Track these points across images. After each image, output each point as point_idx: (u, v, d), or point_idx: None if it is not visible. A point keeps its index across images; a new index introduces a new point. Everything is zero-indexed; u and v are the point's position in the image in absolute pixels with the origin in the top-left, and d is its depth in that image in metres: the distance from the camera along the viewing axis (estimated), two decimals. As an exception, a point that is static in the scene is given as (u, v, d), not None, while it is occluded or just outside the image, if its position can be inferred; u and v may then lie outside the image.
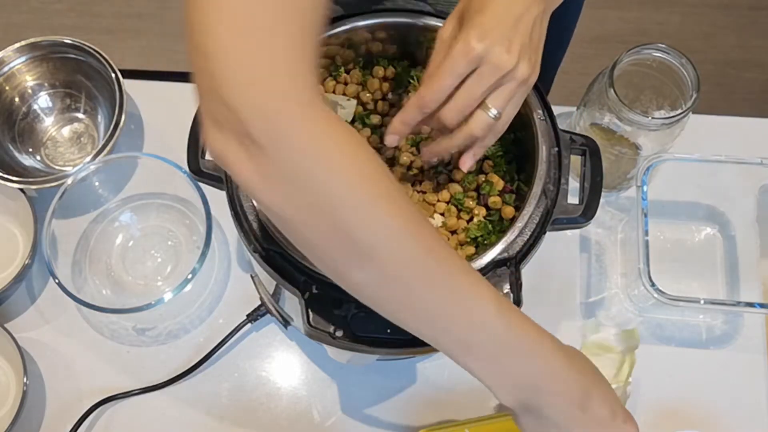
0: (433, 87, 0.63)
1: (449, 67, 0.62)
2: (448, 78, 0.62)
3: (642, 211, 0.83)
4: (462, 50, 0.61)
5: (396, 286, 0.54)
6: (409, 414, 0.86)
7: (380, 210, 0.51)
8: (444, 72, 0.62)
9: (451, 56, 0.61)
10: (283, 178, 0.49)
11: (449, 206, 0.76)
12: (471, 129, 0.66)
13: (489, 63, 0.61)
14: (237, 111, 0.47)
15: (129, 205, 0.94)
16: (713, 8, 2.09)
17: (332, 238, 0.51)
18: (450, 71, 0.62)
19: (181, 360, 0.88)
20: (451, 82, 0.63)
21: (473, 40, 0.61)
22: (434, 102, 0.64)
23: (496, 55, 0.61)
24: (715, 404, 0.86)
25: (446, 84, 0.63)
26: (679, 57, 0.84)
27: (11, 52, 0.95)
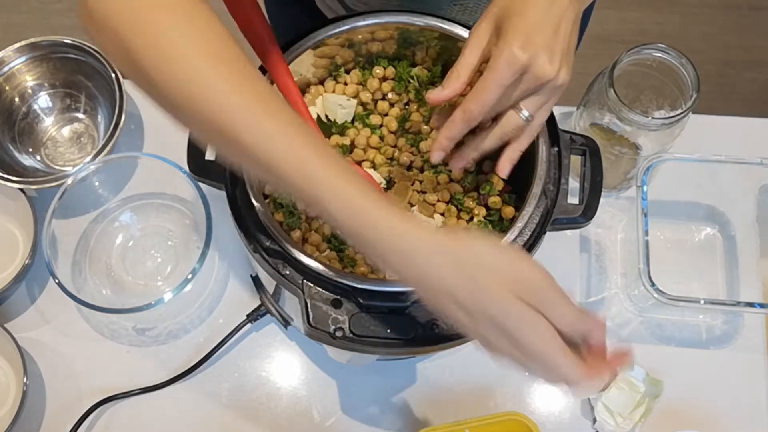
0: (480, 101, 0.63)
1: (496, 80, 0.61)
2: (494, 92, 0.62)
3: (642, 211, 0.83)
4: (507, 61, 0.60)
5: (219, 136, 0.56)
6: (409, 414, 0.86)
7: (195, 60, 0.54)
8: (490, 85, 0.62)
9: (496, 68, 0.61)
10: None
11: (449, 206, 0.76)
12: (503, 130, 0.66)
13: (532, 73, 0.61)
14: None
15: (129, 205, 0.94)
16: (713, 8, 2.09)
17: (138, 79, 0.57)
18: (497, 84, 0.61)
19: (181, 360, 0.88)
20: (497, 95, 0.62)
21: (518, 50, 0.60)
22: (480, 115, 0.64)
23: (540, 66, 0.61)
24: (715, 404, 0.86)
25: (493, 97, 0.62)
26: (679, 57, 0.84)
27: (11, 52, 0.95)
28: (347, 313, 0.65)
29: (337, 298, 0.65)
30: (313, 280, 0.66)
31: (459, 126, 0.65)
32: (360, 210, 0.54)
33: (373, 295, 0.64)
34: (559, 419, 0.86)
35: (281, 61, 0.69)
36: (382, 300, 0.64)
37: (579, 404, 0.87)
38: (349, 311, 0.65)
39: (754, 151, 0.90)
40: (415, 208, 0.76)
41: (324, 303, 0.65)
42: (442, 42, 0.76)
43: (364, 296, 0.64)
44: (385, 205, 0.54)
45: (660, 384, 0.85)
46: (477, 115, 0.64)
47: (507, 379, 0.88)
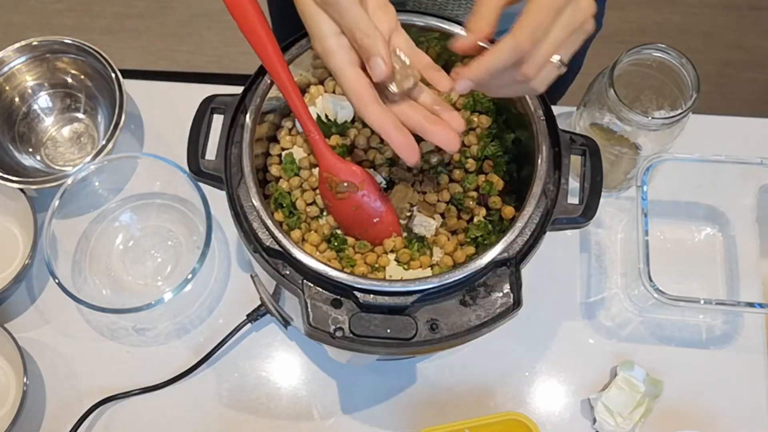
0: (533, 25, 0.54)
1: (549, 2, 0.54)
2: (548, 15, 0.55)
3: (642, 211, 0.83)
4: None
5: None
6: (409, 414, 0.86)
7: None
8: (543, 7, 0.55)
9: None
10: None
11: (449, 206, 0.76)
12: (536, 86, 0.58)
13: (579, 2, 0.55)
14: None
15: (129, 205, 0.94)
16: (713, 8, 2.09)
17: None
18: (551, 5, 0.54)
19: (181, 360, 0.88)
20: (550, 21, 0.55)
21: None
22: (533, 43, 0.55)
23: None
24: (715, 404, 0.86)
25: (546, 22, 0.55)
26: (679, 57, 0.84)
27: (11, 52, 0.95)
28: (347, 313, 0.65)
29: (337, 298, 0.65)
30: (313, 280, 0.66)
31: (505, 55, 0.56)
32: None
33: (373, 295, 0.64)
34: (559, 419, 0.86)
35: (281, 62, 0.69)
36: (382, 300, 0.64)
37: (579, 404, 0.87)
38: (349, 311, 0.65)
39: (754, 151, 0.90)
40: (415, 208, 0.76)
41: (324, 303, 0.65)
42: (442, 42, 0.76)
43: (364, 296, 0.64)
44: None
45: (660, 384, 0.85)
46: (528, 44, 0.55)
47: (507, 379, 0.88)
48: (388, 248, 0.73)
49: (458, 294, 0.66)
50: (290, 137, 0.77)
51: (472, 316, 0.66)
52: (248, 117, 0.71)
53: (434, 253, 0.74)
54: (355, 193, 0.71)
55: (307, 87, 0.79)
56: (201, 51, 2.07)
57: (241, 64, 2.01)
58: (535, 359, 0.88)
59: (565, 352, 0.89)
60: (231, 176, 0.70)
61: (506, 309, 0.66)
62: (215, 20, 2.09)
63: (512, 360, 0.88)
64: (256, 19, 0.67)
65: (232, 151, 0.71)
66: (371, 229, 0.73)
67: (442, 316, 0.65)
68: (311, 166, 0.76)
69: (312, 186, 0.75)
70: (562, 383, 0.88)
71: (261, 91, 0.72)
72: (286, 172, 0.76)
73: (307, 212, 0.74)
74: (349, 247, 0.73)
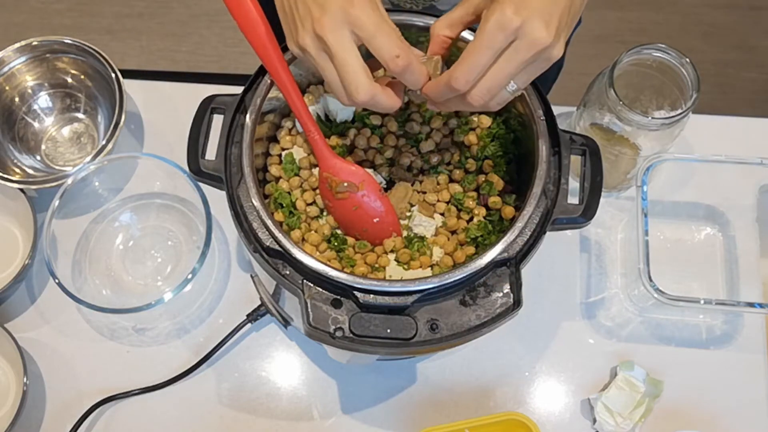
0: (467, 65, 0.59)
1: (485, 42, 0.58)
2: (484, 55, 0.58)
3: (642, 211, 0.83)
4: (498, 23, 0.57)
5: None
6: (409, 414, 0.86)
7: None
8: (479, 48, 0.58)
9: (486, 30, 0.57)
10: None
11: (449, 206, 0.76)
12: (490, 106, 0.62)
13: (526, 39, 0.57)
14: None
15: (129, 205, 0.94)
16: (713, 8, 2.09)
17: None
18: (486, 47, 0.58)
19: (181, 360, 0.88)
20: (486, 60, 0.58)
21: (510, 11, 0.56)
22: (468, 83, 0.60)
23: (534, 30, 0.57)
24: (715, 404, 0.86)
25: (482, 62, 0.58)
26: (679, 57, 0.84)
27: (11, 52, 0.95)
28: (347, 313, 0.65)
29: (337, 298, 0.65)
30: (313, 280, 0.66)
31: (441, 89, 0.62)
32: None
33: (373, 295, 0.64)
34: (559, 419, 0.86)
35: (281, 61, 0.69)
36: (382, 300, 0.64)
37: (579, 404, 0.87)
38: (349, 311, 0.65)
39: (754, 151, 0.90)
40: (415, 208, 0.76)
41: (324, 303, 0.65)
42: (442, 42, 0.76)
43: (364, 296, 0.64)
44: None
45: (660, 384, 0.85)
46: (463, 83, 0.60)
47: (507, 379, 0.88)
48: (388, 248, 0.73)
49: (458, 294, 0.66)
50: (290, 137, 0.77)
51: (472, 316, 0.66)
52: (248, 117, 0.71)
53: (434, 253, 0.74)
54: (355, 193, 0.71)
55: (307, 87, 0.79)
56: (201, 51, 2.07)
57: (241, 64, 2.01)
58: (535, 359, 0.88)
59: (565, 352, 0.89)
60: (231, 176, 0.70)
61: (506, 309, 0.66)
62: (215, 20, 2.09)
63: (512, 360, 0.88)
64: (256, 19, 0.67)
65: (232, 151, 0.71)
66: (371, 229, 0.73)
67: (442, 316, 0.65)
68: (311, 166, 0.76)
69: (312, 186, 0.75)
70: (562, 383, 0.88)
71: (261, 91, 0.72)
72: (286, 172, 0.76)
73: (307, 212, 0.74)
74: (349, 247, 0.73)
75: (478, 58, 0.59)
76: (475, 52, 0.59)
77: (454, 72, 0.60)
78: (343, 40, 0.61)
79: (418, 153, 0.78)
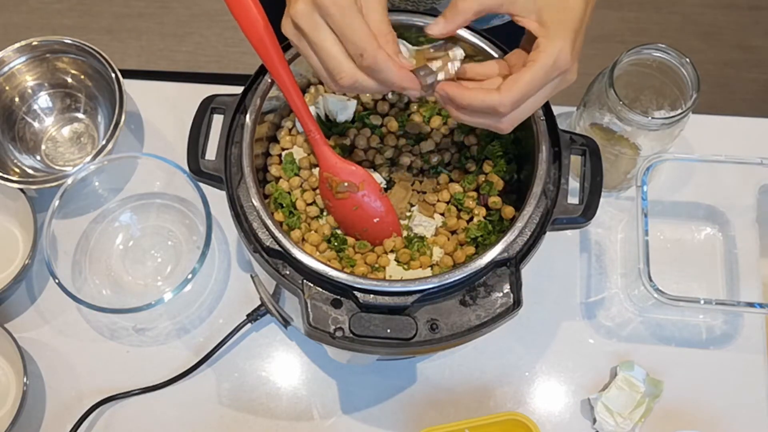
0: (520, 95, 0.59)
1: (543, 79, 0.59)
2: (537, 89, 0.59)
3: (642, 211, 0.83)
4: (558, 63, 0.58)
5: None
6: (409, 414, 0.86)
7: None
8: (536, 82, 0.59)
9: (547, 66, 0.58)
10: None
11: (449, 206, 0.76)
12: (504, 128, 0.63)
13: (565, 78, 0.60)
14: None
15: (129, 205, 0.94)
16: (713, 8, 2.09)
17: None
18: (543, 82, 0.59)
19: (181, 360, 0.88)
20: (537, 89, 0.60)
21: (569, 54, 0.58)
22: (513, 109, 0.60)
23: (573, 73, 0.60)
24: (715, 404, 0.86)
25: (534, 91, 0.60)
26: (679, 57, 0.84)
27: (11, 52, 0.95)
28: (347, 313, 0.65)
29: (337, 298, 0.65)
30: (313, 280, 0.66)
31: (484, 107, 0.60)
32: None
33: (373, 295, 0.65)
34: (559, 419, 0.86)
35: (282, 61, 0.69)
36: (382, 300, 0.64)
37: (579, 404, 0.87)
38: (349, 311, 0.65)
39: (754, 151, 0.90)
40: (415, 208, 0.76)
41: (324, 303, 0.65)
42: (442, 42, 0.76)
43: (364, 296, 0.64)
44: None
45: (660, 384, 0.85)
46: (509, 111, 0.60)
47: (507, 379, 0.88)
48: (388, 248, 0.73)
49: (458, 294, 0.66)
50: (290, 137, 0.77)
51: (472, 316, 0.66)
52: (248, 117, 0.71)
53: (434, 253, 0.74)
54: (356, 193, 0.71)
55: (307, 87, 0.79)
56: (201, 51, 2.07)
57: (241, 64, 2.01)
58: (535, 359, 0.88)
59: (565, 352, 0.89)
60: (231, 176, 0.70)
61: (506, 309, 0.66)
62: (215, 20, 2.09)
63: (512, 360, 0.88)
64: (257, 18, 0.67)
65: (232, 151, 0.71)
66: (371, 229, 0.73)
67: (442, 316, 0.65)
68: (311, 166, 0.76)
69: (312, 186, 0.75)
70: (562, 383, 0.88)
71: (261, 91, 0.72)
72: (286, 172, 0.76)
73: (307, 212, 0.74)
74: (349, 247, 0.73)
75: (531, 90, 0.59)
76: (531, 85, 0.59)
77: (503, 98, 0.59)
78: (316, 25, 0.59)
79: (418, 153, 0.78)
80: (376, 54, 0.58)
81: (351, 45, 0.58)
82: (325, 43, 0.59)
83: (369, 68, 0.59)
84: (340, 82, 0.60)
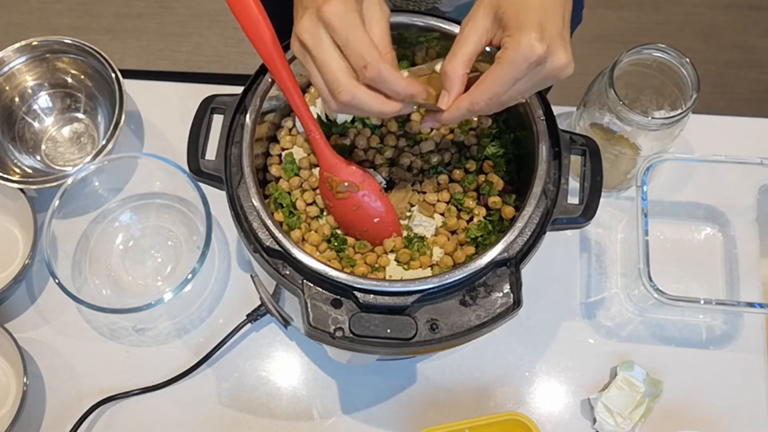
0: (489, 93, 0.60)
1: (511, 74, 0.58)
2: (508, 83, 0.59)
3: (642, 211, 0.83)
4: (525, 54, 0.57)
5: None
6: (409, 414, 0.86)
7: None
8: (504, 78, 0.59)
9: (513, 61, 0.58)
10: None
11: (449, 206, 0.76)
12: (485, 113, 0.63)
13: (548, 65, 0.59)
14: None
15: (129, 205, 0.94)
16: (713, 8, 2.09)
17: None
18: (512, 77, 0.59)
19: (181, 360, 0.88)
20: (509, 87, 0.59)
21: (536, 41, 0.57)
22: (489, 109, 0.61)
23: (557, 58, 0.58)
24: (715, 404, 0.86)
25: (504, 89, 0.60)
26: (679, 57, 0.84)
27: (11, 52, 0.95)
28: (347, 313, 0.65)
29: (337, 298, 0.65)
30: (313, 280, 0.66)
31: (463, 114, 0.62)
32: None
33: (373, 295, 0.65)
34: (559, 419, 0.86)
35: (282, 61, 0.69)
36: (382, 300, 0.64)
37: (579, 404, 0.87)
38: (349, 311, 0.65)
39: (754, 151, 0.90)
40: (415, 208, 0.76)
41: (324, 303, 0.65)
42: (442, 42, 0.76)
43: (364, 296, 0.64)
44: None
45: (660, 384, 0.85)
46: (486, 109, 0.61)
47: (507, 379, 0.88)
48: (388, 248, 0.73)
49: (458, 294, 0.66)
50: (290, 137, 0.77)
51: (472, 316, 0.66)
52: (248, 117, 0.71)
53: (434, 253, 0.74)
54: (356, 192, 0.71)
55: (307, 87, 0.79)
56: (201, 51, 2.07)
57: (241, 64, 2.01)
58: (535, 359, 0.88)
59: (565, 352, 0.89)
60: (231, 176, 0.70)
61: (506, 309, 0.66)
62: (215, 20, 2.09)
63: (512, 360, 0.88)
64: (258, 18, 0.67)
65: (232, 151, 0.71)
66: (371, 229, 0.73)
67: (442, 316, 0.65)
68: (311, 166, 0.76)
69: (312, 186, 0.75)
70: (562, 383, 0.88)
71: (261, 91, 0.72)
72: (286, 172, 0.76)
73: (307, 212, 0.74)
74: (349, 247, 0.73)
75: (501, 86, 0.59)
76: (500, 82, 0.59)
77: (474, 98, 0.60)
78: (319, 40, 0.60)
79: (418, 153, 0.78)
80: (379, 65, 0.59)
81: (354, 56, 0.59)
82: (327, 56, 0.60)
83: (373, 80, 0.59)
84: (339, 96, 0.60)
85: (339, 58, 0.60)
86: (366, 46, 0.59)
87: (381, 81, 0.60)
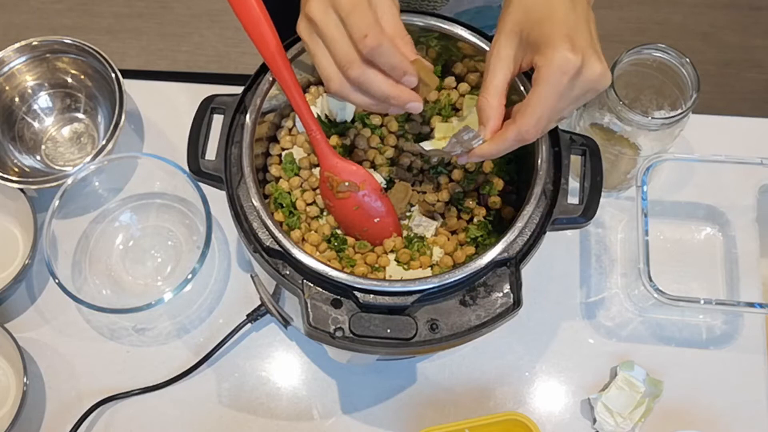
0: (537, 117, 0.58)
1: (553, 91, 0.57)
2: (552, 103, 0.58)
3: (642, 211, 0.83)
4: (561, 68, 0.56)
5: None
6: (409, 414, 0.86)
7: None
8: (547, 98, 0.57)
9: (549, 79, 0.57)
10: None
11: (449, 206, 0.76)
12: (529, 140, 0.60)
13: (584, 76, 0.57)
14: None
15: (129, 205, 0.94)
16: (713, 8, 2.09)
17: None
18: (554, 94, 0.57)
19: (181, 360, 0.88)
20: (552, 107, 0.58)
21: (569, 53, 0.56)
22: (538, 134, 0.59)
23: (592, 67, 0.57)
24: (715, 404, 0.86)
25: (549, 111, 0.58)
26: (679, 57, 0.84)
27: (11, 52, 0.95)
28: (347, 313, 0.65)
29: (337, 298, 0.65)
30: (313, 280, 0.66)
31: (511, 144, 0.60)
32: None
33: (373, 295, 0.65)
34: (559, 419, 0.86)
35: (284, 60, 0.69)
36: (382, 300, 0.64)
37: (579, 404, 0.87)
38: (349, 311, 0.65)
39: (754, 151, 0.90)
40: (415, 208, 0.76)
41: (324, 303, 0.65)
42: (443, 42, 0.76)
43: (364, 296, 0.64)
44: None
45: (660, 384, 0.85)
46: (534, 133, 0.59)
47: (507, 379, 0.88)
48: (388, 248, 0.73)
49: (458, 294, 0.66)
50: (290, 137, 0.77)
51: (472, 316, 0.66)
52: (248, 117, 0.71)
53: (434, 253, 0.74)
54: (356, 192, 0.71)
55: (308, 86, 0.79)
56: (201, 51, 2.07)
57: (241, 64, 2.01)
58: (535, 359, 0.88)
59: (565, 352, 0.89)
60: (231, 176, 0.70)
61: (506, 309, 0.66)
62: (215, 20, 2.09)
63: (512, 360, 0.88)
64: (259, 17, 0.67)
65: (232, 151, 0.71)
66: (371, 229, 0.73)
67: (442, 316, 0.65)
68: (311, 166, 0.76)
69: (312, 186, 0.75)
70: (562, 383, 0.88)
71: (261, 91, 0.72)
72: (286, 172, 0.76)
73: (307, 212, 0.74)
74: (349, 247, 0.73)
75: (546, 107, 0.58)
76: (543, 103, 0.58)
77: (521, 125, 0.59)
78: (328, 18, 0.60)
79: (418, 153, 0.78)
80: (379, 36, 0.59)
81: (356, 29, 0.59)
82: (336, 32, 0.60)
83: (372, 51, 0.59)
84: (349, 71, 0.60)
85: (345, 35, 0.60)
86: (369, 19, 0.59)
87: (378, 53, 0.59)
